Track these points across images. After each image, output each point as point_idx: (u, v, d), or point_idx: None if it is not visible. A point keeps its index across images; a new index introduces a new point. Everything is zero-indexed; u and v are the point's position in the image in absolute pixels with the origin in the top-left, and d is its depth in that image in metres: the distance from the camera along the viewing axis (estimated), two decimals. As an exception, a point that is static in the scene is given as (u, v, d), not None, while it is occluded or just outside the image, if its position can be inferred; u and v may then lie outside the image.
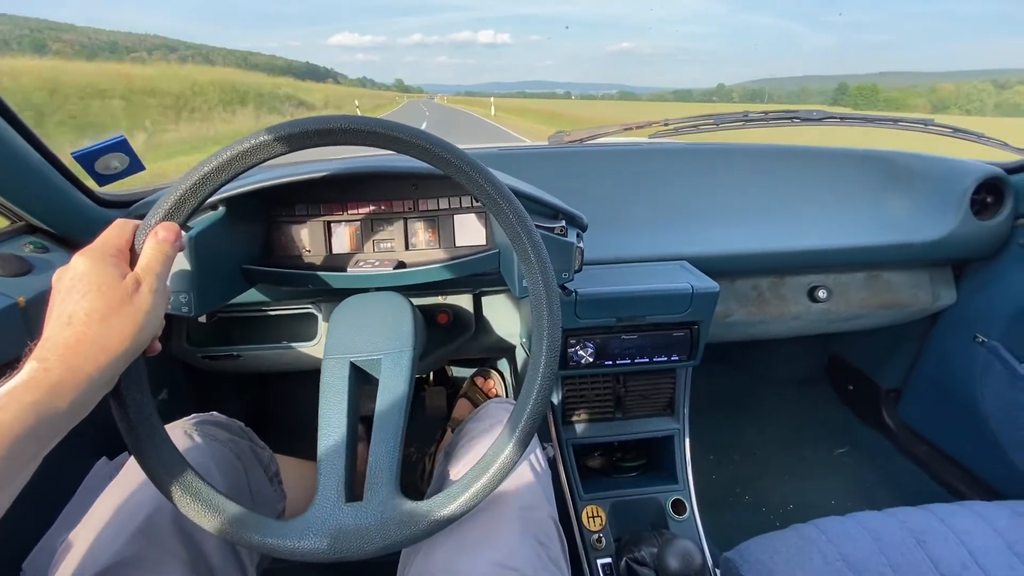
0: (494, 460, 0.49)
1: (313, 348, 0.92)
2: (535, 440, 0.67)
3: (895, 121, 1.08)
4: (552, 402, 0.94)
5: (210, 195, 0.46)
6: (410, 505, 0.49)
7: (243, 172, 0.45)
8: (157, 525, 0.51)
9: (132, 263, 0.42)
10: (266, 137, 0.44)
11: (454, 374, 1.49)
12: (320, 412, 0.55)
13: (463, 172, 0.48)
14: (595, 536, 0.85)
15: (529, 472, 0.63)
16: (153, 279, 0.41)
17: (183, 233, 0.46)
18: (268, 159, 0.45)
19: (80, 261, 0.39)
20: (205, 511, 0.45)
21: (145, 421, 0.43)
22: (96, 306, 0.37)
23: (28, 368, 0.35)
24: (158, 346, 0.44)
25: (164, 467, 0.44)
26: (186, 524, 0.52)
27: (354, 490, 0.51)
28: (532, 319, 0.51)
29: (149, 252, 0.42)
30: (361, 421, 0.62)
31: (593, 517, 0.87)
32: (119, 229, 0.43)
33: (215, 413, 0.67)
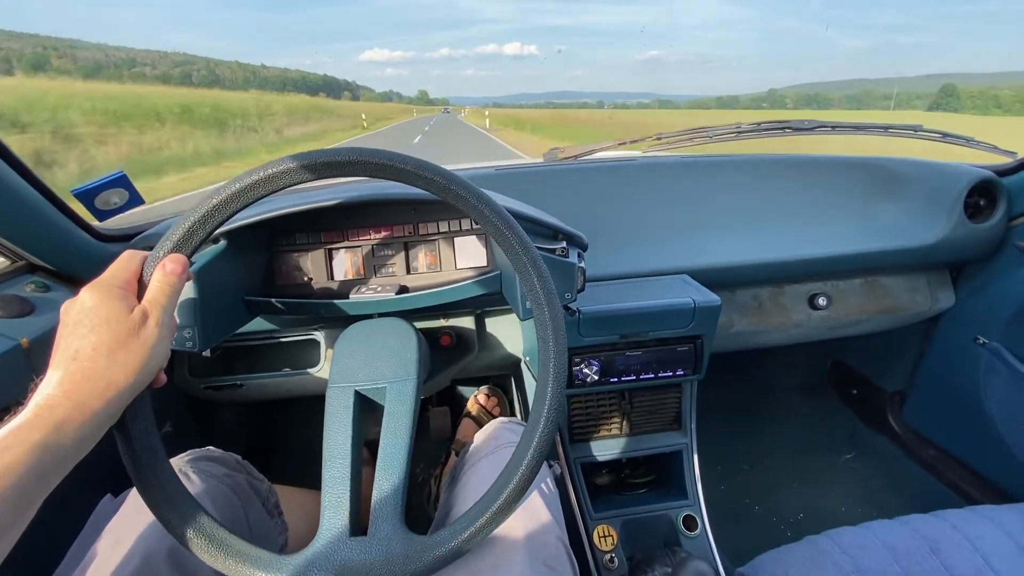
0: (500, 494, 0.49)
1: (316, 374, 0.92)
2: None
3: (885, 128, 1.09)
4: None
5: (219, 226, 0.46)
6: (415, 540, 0.48)
7: (252, 203, 0.46)
8: (154, 567, 0.50)
9: (140, 294, 0.42)
10: (274, 169, 0.44)
11: (458, 392, 1.48)
12: (324, 442, 0.54)
13: (460, 197, 0.48)
14: (607, 556, 0.84)
15: (536, 495, 0.62)
16: (160, 312, 0.41)
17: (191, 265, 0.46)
18: (276, 191, 0.46)
19: (88, 295, 0.39)
20: (208, 546, 0.44)
21: (149, 452, 0.43)
22: (103, 340, 0.37)
23: (33, 405, 0.35)
24: (164, 378, 0.44)
25: (168, 500, 0.44)
26: (185, 564, 0.51)
27: (359, 518, 0.51)
28: (538, 346, 0.51)
29: (156, 285, 0.42)
30: (367, 445, 0.61)
31: (605, 537, 0.86)
32: (127, 261, 0.43)
33: (211, 448, 0.66)
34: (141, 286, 0.42)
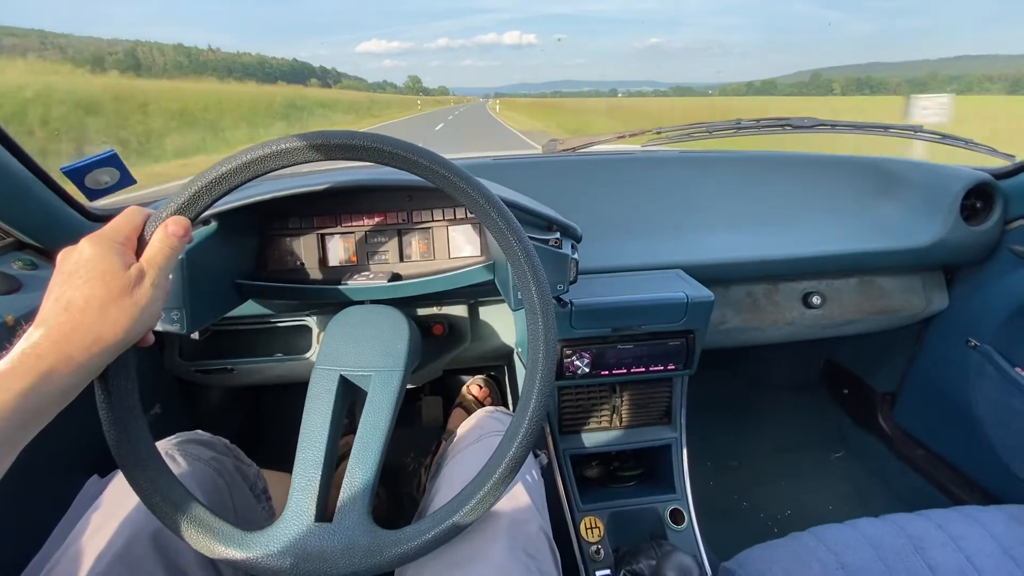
0: (473, 495, 0.48)
1: (307, 361, 0.91)
2: None
3: (885, 128, 1.09)
4: (548, 412, 0.94)
5: (223, 195, 0.46)
6: (379, 533, 0.48)
7: (259, 176, 0.46)
8: (136, 550, 0.50)
9: (138, 252, 0.42)
10: (285, 145, 0.44)
11: (451, 382, 1.48)
12: (303, 423, 0.54)
13: (455, 185, 0.48)
14: (594, 547, 0.85)
15: (520, 484, 0.62)
16: (156, 272, 0.41)
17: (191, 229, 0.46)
18: (285, 167, 0.46)
19: (87, 246, 0.39)
20: (172, 512, 0.44)
21: (126, 409, 0.43)
22: (96, 294, 0.37)
23: (19, 351, 0.35)
24: (151, 338, 0.44)
25: (137, 460, 0.43)
26: (167, 549, 0.51)
27: (328, 505, 0.51)
28: (527, 335, 0.51)
29: (156, 245, 0.42)
30: (353, 434, 0.61)
31: (591, 528, 0.86)
32: (130, 217, 0.43)
33: (199, 432, 0.66)
34: (141, 244, 0.42)
